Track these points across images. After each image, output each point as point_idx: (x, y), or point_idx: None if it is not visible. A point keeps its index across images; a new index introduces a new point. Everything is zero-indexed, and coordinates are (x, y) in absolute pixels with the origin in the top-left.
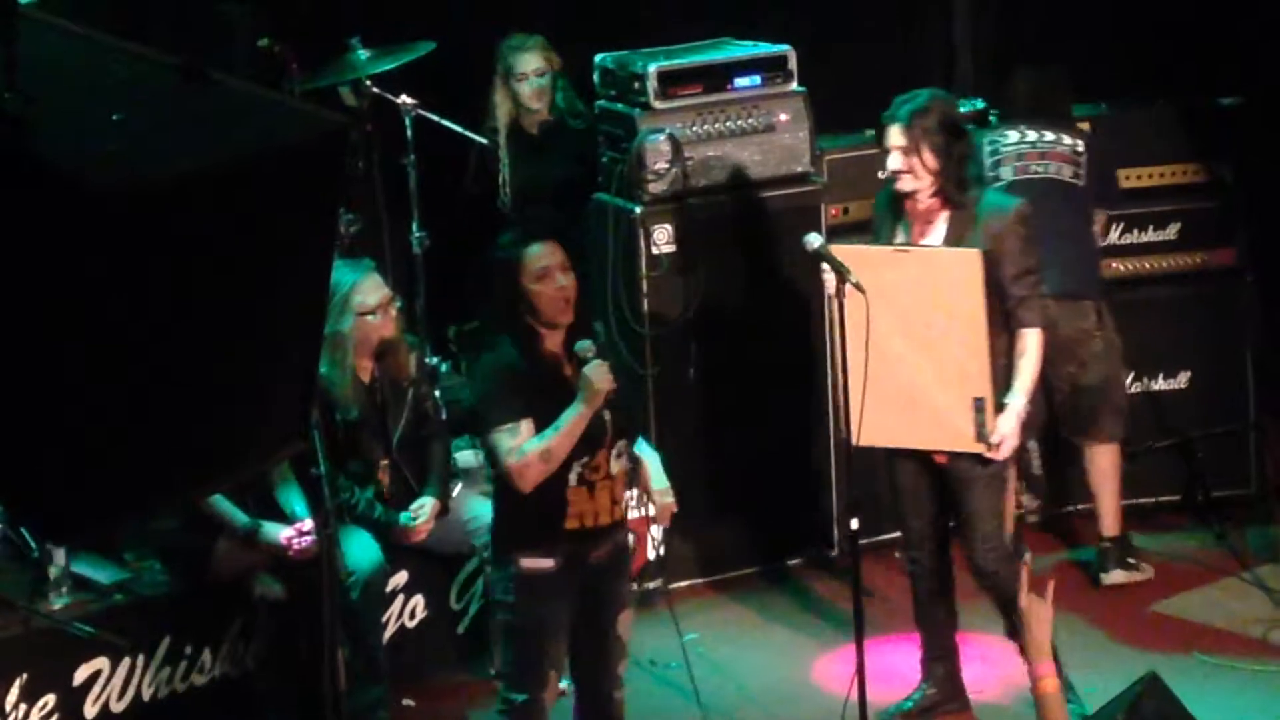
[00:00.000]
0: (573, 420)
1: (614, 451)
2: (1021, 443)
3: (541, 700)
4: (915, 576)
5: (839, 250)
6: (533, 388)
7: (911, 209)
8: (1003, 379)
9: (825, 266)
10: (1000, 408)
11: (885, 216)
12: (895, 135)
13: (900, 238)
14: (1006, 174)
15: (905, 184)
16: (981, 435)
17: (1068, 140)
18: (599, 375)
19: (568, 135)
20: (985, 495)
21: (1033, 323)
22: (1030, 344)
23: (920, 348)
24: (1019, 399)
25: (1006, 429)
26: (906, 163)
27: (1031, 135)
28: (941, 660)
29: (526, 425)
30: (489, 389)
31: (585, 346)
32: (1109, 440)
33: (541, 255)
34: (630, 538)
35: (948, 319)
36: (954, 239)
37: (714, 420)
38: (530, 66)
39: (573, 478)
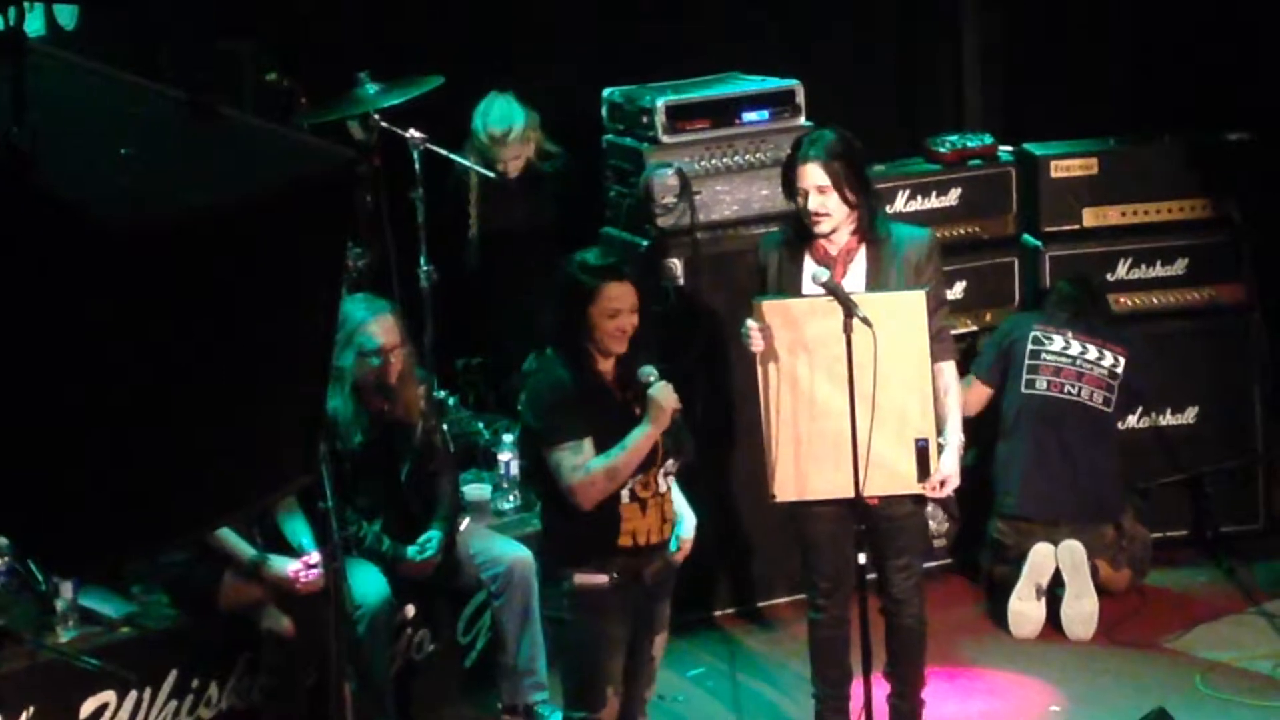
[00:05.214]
0: (640, 440)
1: (663, 470)
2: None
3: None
4: (821, 626)
5: (772, 304)
6: (587, 407)
7: (824, 251)
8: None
9: (752, 325)
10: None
11: (784, 261)
12: (815, 174)
13: (810, 283)
14: (1040, 384)
15: (825, 225)
16: (924, 476)
17: (1108, 360)
18: (666, 396)
19: (540, 180)
20: (914, 530)
21: (949, 355)
22: (951, 377)
23: (856, 395)
24: (957, 436)
25: (950, 468)
26: (825, 203)
27: (1075, 348)
28: (839, 713)
29: (589, 444)
30: (549, 406)
31: (648, 371)
32: None
33: (616, 297)
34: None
35: (889, 362)
36: (875, 276)
37: (723, 453)
38: (509, 156)
39: (626, 495)
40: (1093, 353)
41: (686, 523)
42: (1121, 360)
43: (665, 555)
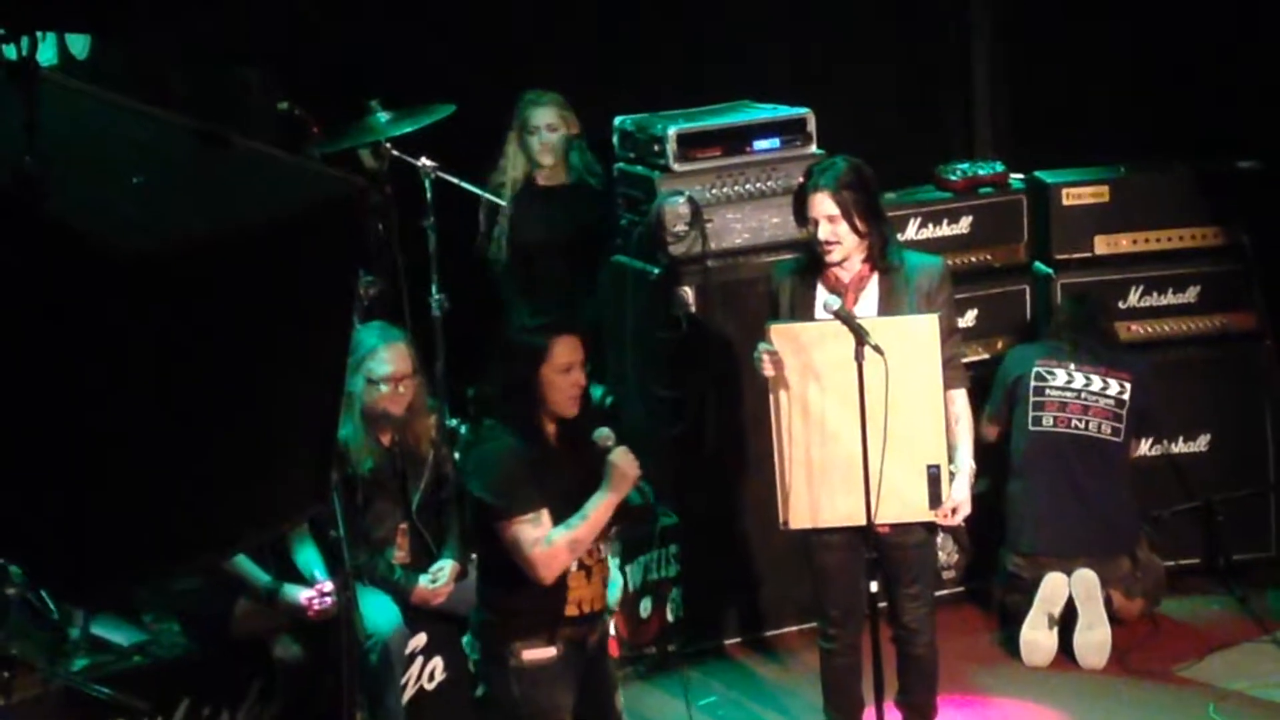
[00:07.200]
0: (600, 508)
1: (608, 536)
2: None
3: None
4: (833, 655)
5: (782, 328)
6: (540, 476)
7: (836, 278)
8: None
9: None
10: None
11: (797, 288)
12: (825, 204)
13: (823, 310)
14: (1046, 421)
15: (836, 253)
16: (936, 503)
17: (1114, 388)
18: (626, 462)
19: (583, 194)
20: (926, 557)
21: (961, 383)
22: (962, 406)
23: (868, 421)
24: (968, 463)
25: (962, 496)
26: (836, 231)
27: (1079, 380)
28: None
29: (546, 514)
30: (502, 478)
31: (604, 434)
32: None
33: (568, 350)
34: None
35: (902, 388)
36: (887, 304)
37: (734, 481)
38: (543, 121)
39: (574, 563)
40: (1097, 384)
41: (615, 588)
42: (1127, 386)
43: (604, 621)
